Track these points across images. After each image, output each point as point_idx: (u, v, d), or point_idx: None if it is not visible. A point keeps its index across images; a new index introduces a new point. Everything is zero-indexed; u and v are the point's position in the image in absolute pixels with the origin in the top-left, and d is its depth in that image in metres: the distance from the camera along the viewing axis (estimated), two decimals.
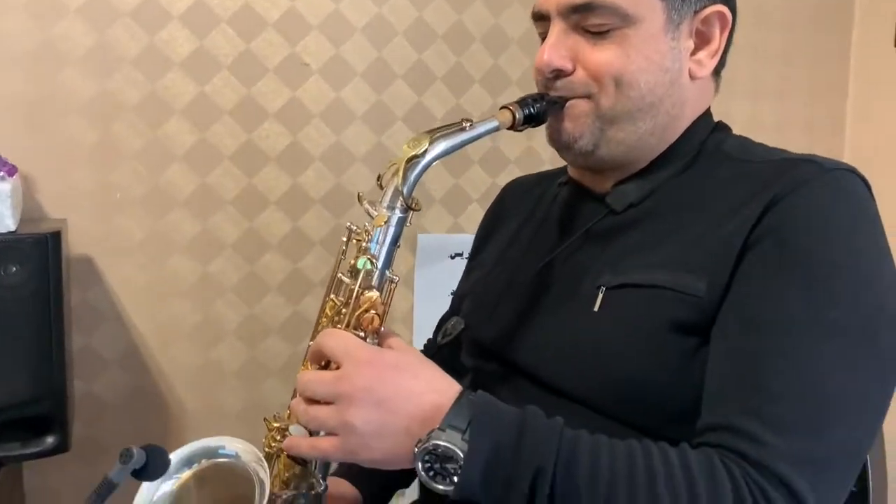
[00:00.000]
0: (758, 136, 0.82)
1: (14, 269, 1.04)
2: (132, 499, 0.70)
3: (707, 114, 0.81)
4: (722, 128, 0.82)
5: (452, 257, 1.62)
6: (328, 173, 1.51)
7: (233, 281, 1.47)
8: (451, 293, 1.53)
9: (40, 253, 1.04)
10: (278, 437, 0.73)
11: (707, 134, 0.80)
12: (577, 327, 0.75)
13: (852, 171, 0.70)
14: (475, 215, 1.62)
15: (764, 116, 1.79)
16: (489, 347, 0.83)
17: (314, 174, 1.50)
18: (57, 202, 1.33)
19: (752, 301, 0.65)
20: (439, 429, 0.61)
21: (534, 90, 0.80)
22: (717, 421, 0.62)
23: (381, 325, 0.72)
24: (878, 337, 0.63)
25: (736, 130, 0.84)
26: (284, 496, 0.75)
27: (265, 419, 0.75)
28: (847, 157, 1.90)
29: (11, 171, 1.15)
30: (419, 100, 1.56)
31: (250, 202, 1.46)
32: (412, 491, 0.94)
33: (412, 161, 0.69)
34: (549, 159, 1.55)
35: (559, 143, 0.79)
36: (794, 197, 0.67)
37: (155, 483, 0.72)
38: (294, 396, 0.71)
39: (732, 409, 0.62)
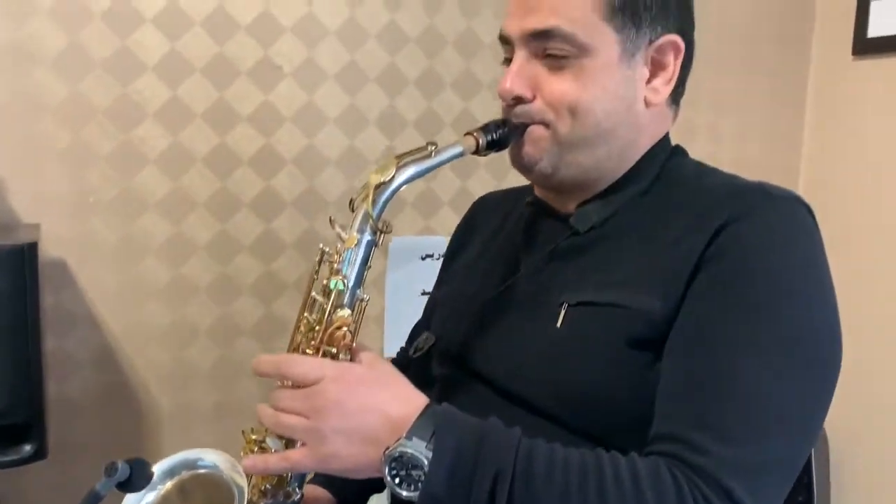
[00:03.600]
0: (719, 146, 0.87)
1: None
2: None
3: (665, 139, 0.85)
4: (679, 152, 0.86)
5: (423, 258, 1.66)
6: (301, 177, 1.53)
7: (205, 282, 1.48)
8: (423, 293, 1.58)
9: (15, 264, 1.05)
10: (255, 449, 0.76)
11: (665, 158, 0.84)
12: (542, 342, 0.79)
13: (798, 200, 0.75)
14: (445, 218, 1.65)
15: (724, 128, 1.78)
16: (456, 359, 0.87)
17: (287, 178, 1.52)
18: (30, 206, 1.33)
19: (700, 320, 0.70)
20: (405, 437, 0.65)
21: None
22: (666, 431, 0.67)
23: (352, 341, 0.76)
24: (817, 354, 0.69)
25: (698, 140, 0.88)
26: None
27: (243, 431, 0.78)
28: (804, 169, 1.95)
29: None
30: (391, 103, 1.58)
31: (223, 204, 1.48)
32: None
33: (380, 187, 0.73)
34: None
35: (521, 165, 0.83)
36: (742, 223, 0.72)
37: (138, 494, 0.75)
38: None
39: (679, 421, 0.67)
